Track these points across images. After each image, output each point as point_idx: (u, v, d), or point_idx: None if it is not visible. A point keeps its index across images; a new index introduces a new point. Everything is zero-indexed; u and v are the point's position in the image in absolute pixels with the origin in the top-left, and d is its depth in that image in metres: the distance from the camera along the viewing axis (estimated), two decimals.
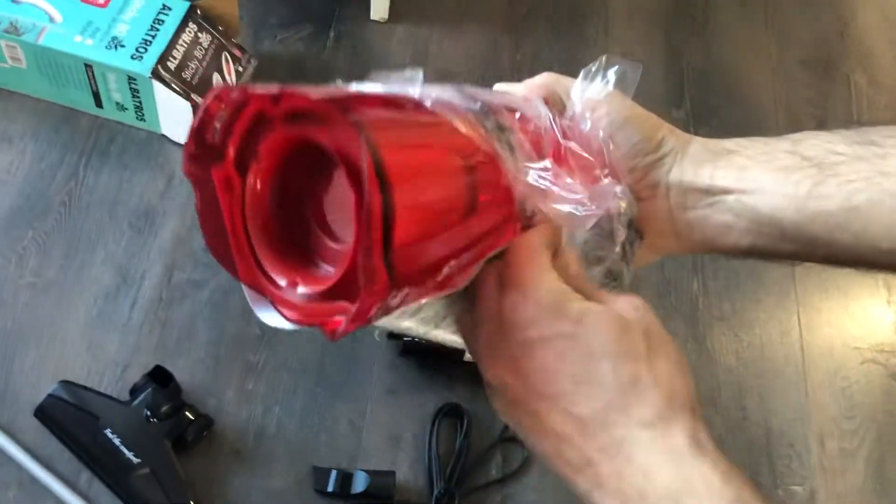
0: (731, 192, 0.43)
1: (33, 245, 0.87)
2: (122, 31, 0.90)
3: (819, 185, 0.41)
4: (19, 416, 0.78)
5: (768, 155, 0.43)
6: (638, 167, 0.45)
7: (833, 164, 0.41)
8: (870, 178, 0.40)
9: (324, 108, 0.33)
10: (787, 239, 0.43)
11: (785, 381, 0.92)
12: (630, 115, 0.45)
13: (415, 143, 0.36)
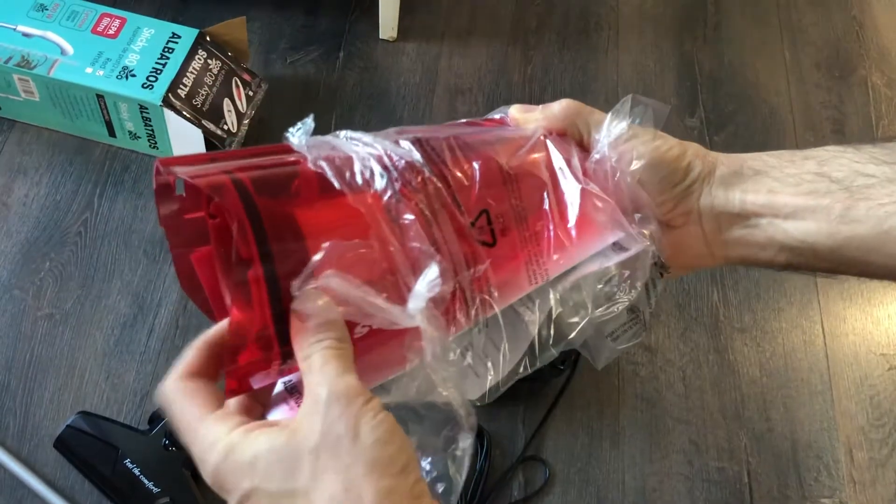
0: (764, 216, 0.44)
1: (50, 276, 0.88)
2: (132, 61, 0.91)
3: (850, 210, 0.41)
4: (39, 448, 0.78)
5: (796, 177, 0.43)
6: (668, 199, 0.45)
7: (863, 188, 0.41)
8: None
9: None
10: (821, 258, 0.43)
11: (810, 391, 0.91)
12: (655, 153, 0.45)
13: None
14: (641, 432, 0.86)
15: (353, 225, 0.36)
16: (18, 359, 0.83)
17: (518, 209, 0.43)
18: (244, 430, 0.34)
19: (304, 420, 0.34)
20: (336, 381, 0.34)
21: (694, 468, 0.85)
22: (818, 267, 0.44)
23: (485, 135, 0.44)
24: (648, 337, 0.92)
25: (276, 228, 0.33)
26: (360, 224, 0.36)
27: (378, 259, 0.36)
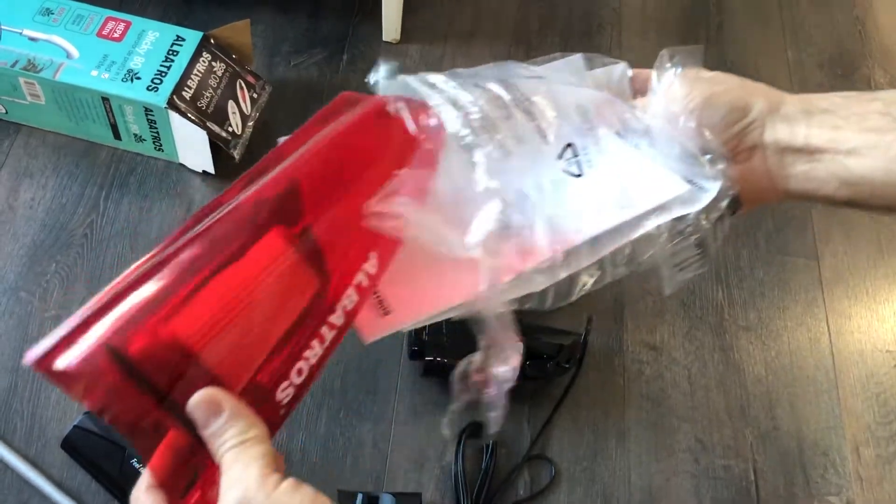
0: (826, 152, 0.45)
1: (56, 278, 0.88)
2: (137, 64, 0.91)
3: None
4: (47, 449, 0.79)
5: (860, 116, 0.45)
6: (731, 135, 0.47)
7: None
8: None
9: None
10: (878, 196, 0.45)
11: (816, 389, 0.91)
12: (711, 92, 0.47)
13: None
14: (647, 431, 0.86)
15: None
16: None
17: (596, 144, 0.45)
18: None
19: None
20: (236, 484, 0.35)
21: (700, 466, 0.84)
22: (875, 205, 0.45)
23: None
24: (652, 336, 0.92)
25: (155, 368, 0.35)
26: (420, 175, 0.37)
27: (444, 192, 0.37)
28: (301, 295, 0.39)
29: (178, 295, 0.36)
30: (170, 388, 0.35)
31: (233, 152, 0.93)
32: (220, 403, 0.36)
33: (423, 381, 0.86)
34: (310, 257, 0.39)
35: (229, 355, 0.36)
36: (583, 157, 0.46)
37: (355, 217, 0.40)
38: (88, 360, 0.34)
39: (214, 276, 0.36)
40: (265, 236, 0.38)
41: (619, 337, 0.91)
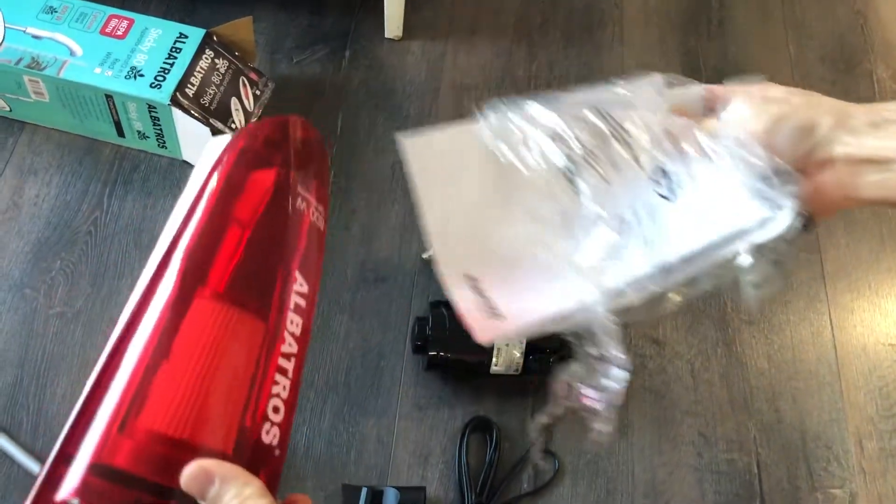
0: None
1: (61, 275, 0.89)
2: (140, 61, 0.91)
3: None
4: (52, 444, 0.79)
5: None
6: (800, 155, 0.48)
7: None
8: None
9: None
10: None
11: (819, 382, 0.91)
12: (778, 113, 0.48)
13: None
14: (650, 425, 0.86)
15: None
16: (31, 356, 0.84)
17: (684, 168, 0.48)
18: None
19: None
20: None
21: (703, 460, 0.85)
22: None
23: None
24: (656, 330, 0.92)
25: (143, 467, 0.36)
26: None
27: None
28: (247, 343, 0.40)
29: (135, 392, 0.37)
30: (165, 478, 0.36)
31: None
32: (210, 471, 0.36)
33: (427, 376, 0.86)
34: (239, 304, 0.40)
35: (207, 425, 0.37)
36: (674, 181, 0.49)
37: (259, 254, 0.42)
38: (83, 485, 0.35)
39: (162, 362, 0.38)
40: (191, 306, 0.39)
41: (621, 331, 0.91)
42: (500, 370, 0.83)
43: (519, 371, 0.83)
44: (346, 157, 1.00)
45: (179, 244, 0.41)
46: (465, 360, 0.83)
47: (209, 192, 0.42)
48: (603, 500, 0.82)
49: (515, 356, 0.82)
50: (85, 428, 0.37)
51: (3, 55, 0.91)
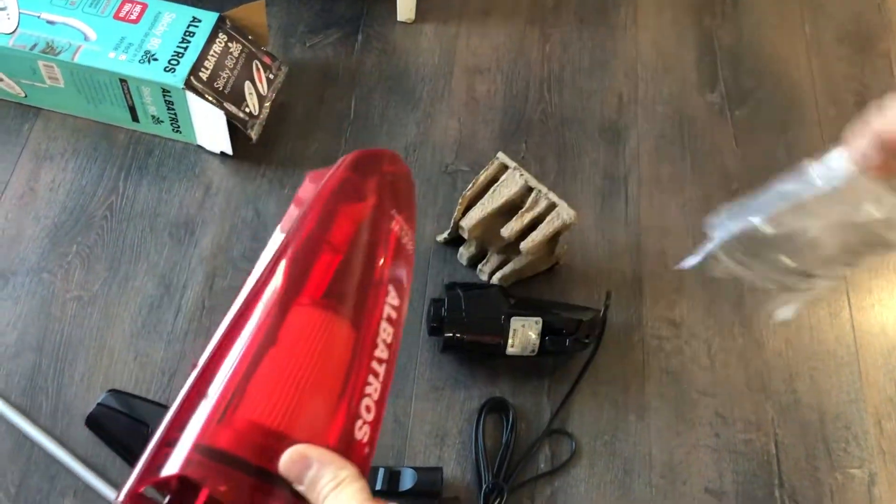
0: None
1: (78, 259, 0.89)
2: (154, 46, 0.92)
3: None
4: (72, 427, 0.80)
5: None
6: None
7: None
8: None
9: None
10: None
11: (837, 362, 0.90)
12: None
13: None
14: (667, 405, 0.86)
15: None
16: (49, 340, 0.84)
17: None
18: None
19: None
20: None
21: (721, 440, 0.84)
22: None
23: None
24: (672, 311, 0.92)
25: (245, 451, 0.38)
26: None
27: None
28: (342, 345, 0.43)
29: (237, 385, 0.40)
30: (265, 461, 0.38)
31: (250, 133, 0.94)
32: (307, 456, 0.38)
33: (443, 358, 0.86)
34: (336, 312, 0.44)
35: (304, 418, 0.40)
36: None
37: (353, 268, 0.46)
38: (187, 461, 0.38)
39: (263, 359, 0.41)
40: (290, 311, 0.43)
41: (638, 312, 0.91)
42: (515, 351, 0.83)
43: (535, 352, 0.83)
44: (360, 141, 1.00)
45: (281, 262, 0.45)
46: (480, 342, 0.83)
47: (309, 218, 0.47)
48: (620, 481, 0.82)
49: (531, 337, 0.82)
50: (188, 416, 0.39)
51: (17, 41, 0.91)
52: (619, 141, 1.04)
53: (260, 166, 0.97)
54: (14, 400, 0.81)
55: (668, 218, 0.98)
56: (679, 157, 1.03)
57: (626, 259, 0.95)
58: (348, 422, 0.41)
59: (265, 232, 0.92)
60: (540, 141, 1.03)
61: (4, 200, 0.92)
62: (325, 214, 0.48)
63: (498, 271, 0.89)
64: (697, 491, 0.82)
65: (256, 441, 0.39)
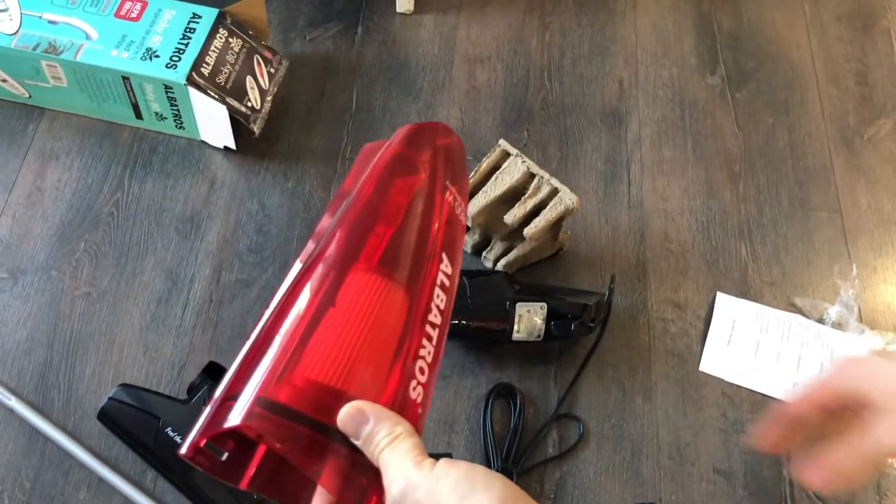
0: None
1: (85, 256, 0.90)
2: (155, 42, 0.92)
3: None
4: (84, 421, 0.80)
5: None
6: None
7: None
8: None
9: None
10: None
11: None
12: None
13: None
14: (674, 387, 0.86)
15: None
16: (59, 337, 0.85)
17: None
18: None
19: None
20: (396, 476, 0.38)
21: (728, 421, 0.85)
22: None
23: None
24: (677, 294, 0.92)
25: (304, 405, 0.40)
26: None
27: None
28: (397, 309, 0.45)
29: (297, 344, 0.42)
30: (324, 416, 0.40)
31: (253, 127, 0.94)
32: (364, 411, 0.39)
33: (449, 345, 0.86)
34: (391, 278, 0.45)
35: (361, 376, 0.41)
36: None
37: (412, 237, 0.48)
38: (248, 413, 0.39)
39: (321, 321, 0.43)
40: (347, 277, 0.45)
41: (643, 296, 0.91)
42: (521, 337, 0.83)
43: (541, 337, 0.83)
44: (362, 132, 1.00)
45: (338, 232, 0.47)
46: (486, 328, 0.83)
47: (365, 191, 0.49)
48: (628, 463, 0.82)
49: (537, 323, 0.82)
50: (248, 373, 0.41)
51: (20, 41, 0.92)
52: (621, 126, 1.04)
53: (263, 160, 0.98)
54: (26, 396, 0.81)
55: (671, 201, 0.98)
56: (681, 140, 1.03)
57: (630, 243, 0.95)
58: (403, 382, 0.43)
59: (270, 224, 0.93)
60: (541, 128, 1.03)
61: (12, 200, 0.93)
62: (381, 187, 0.49)
63: (502, 258, 0.89)
64: (706, 471, 0.82)
65: (314, 397, 0.40)
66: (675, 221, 0.97)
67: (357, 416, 0.39)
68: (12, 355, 0.84)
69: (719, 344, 0.88)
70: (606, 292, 0.86)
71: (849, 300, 0.90)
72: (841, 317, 0.91)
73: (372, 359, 0.42)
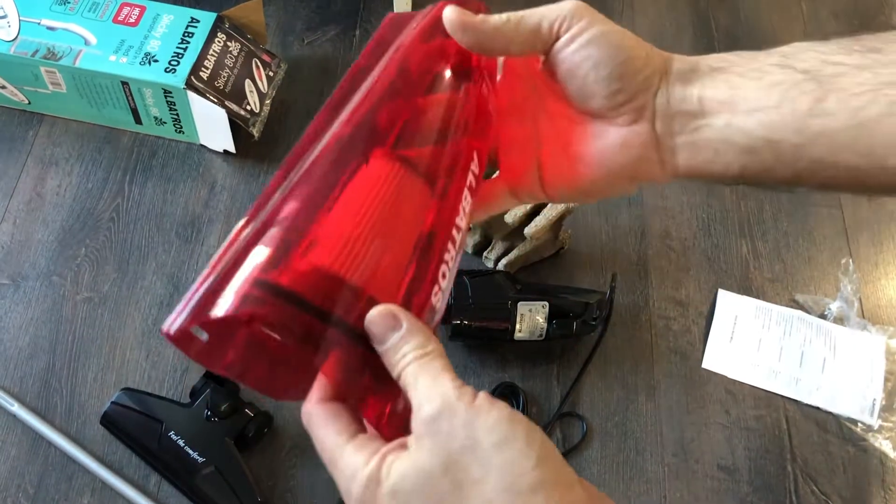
0: (722, 113, 0.39)
1: (87, 261, 0.90)
2: (154, 47, 0.92)
3: (820, 102, 0.37)
4: (87, 426, 0.80)
5: (759, 71, 0.39)
6: (623, 90, 0.40)
7: (833, 77, 0.37)
8: (876, 90, 0.36)
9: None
10: (784, 162, 0.38)
11: None
12: (609, 30, 0.41)
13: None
14: (677, 384, 0.86)
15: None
16: (61, 341, 0.85)
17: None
18: (379, 458, 0.34)
19: (422, 442, 0.34)
20: (432, 396, 0.34)
21: (731, 417, 0.85)
22: (777, 175, 0.39)
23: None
24: (679, 291, 0.92)
25: (310, 291, 0.35)
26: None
27: None
28: (421, 203, 0.39)
29: (304, 228, 0.36)
30: (330, 307, 0.35)
31: (252, 130, 0.94)
32: (398, 318, 0.35)
33: (452, 345, 0.86)
34: (410, 166, 0.39)
35: (376, 272, 0.36)
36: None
37: (441, 127, 0.41)
38: (246, 297, 0.34)
39: (332, 207, 0.37)
40: (369, 161, 0.38)
41: (644, 293, 0.91)
42: (523, 336, 0.83)
43: (543, 336, 0.83)
44: None
45: (357, 111, 0.40)
46: (488, 328, 0.83)
47: (392, 66, 0.42)
48: (632, 461, 0.82)
49: (539, 322, 0.82)
50: (247, 253, 0.35)
51: (19, 48, 0.92)
52: None
53: (263, 163, 0.98)
54: (29, 402, 0.81)
55: (671, 199, 0.98)
56: None
57: (631, 241, 0.95)
58: (427, 285, 0.38)
59: None
60: None
61: (12, 206, 0.93)
62: (411, 64, 0.42)
63: (503, 258, 0.89)
64: (710, 468, 0.82)
65: (322, 285, 0.35)
66: (675, 219, 0.97)
67: (390, 319, 0.35)
68: (14, 361, 0.84)
69: (721, 341, 0.88)
70: (608, 291, 0.86)
71: (849, 295, 0.90)
72: (842, 312, 0.91)
73: (388, 253, 0.37)
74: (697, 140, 0.40)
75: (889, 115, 0.36)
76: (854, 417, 0.84)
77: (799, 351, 0.88)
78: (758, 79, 0.39)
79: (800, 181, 0.39)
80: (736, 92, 0.39)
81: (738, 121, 0.39)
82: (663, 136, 0.41)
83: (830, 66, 0.38)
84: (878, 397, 0.85)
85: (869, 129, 0.36)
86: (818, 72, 0.37)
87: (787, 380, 0.86)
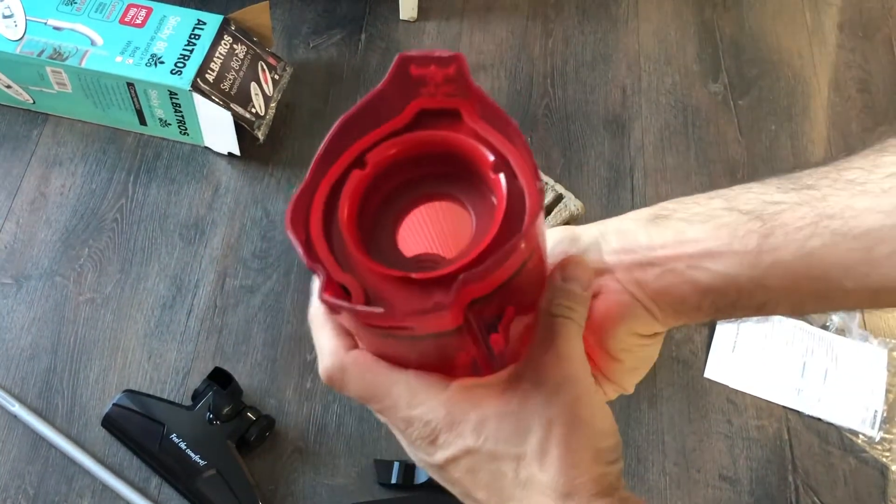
0: (678, 259, 0.40)
1: (90, 262, 0.90)
2: (160, 49, 0.92)
3: (767, 238, 0.39)
4: (88, 427, 0.80)
5: (704, 215, 0.41)
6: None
7: (774, 214, 0.39)
8: (816, 223, 0.38)
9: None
10: (748, 296, 0.40)
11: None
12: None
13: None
14: (679, 394, 0.86)
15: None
16: (63, 342, 0.85)
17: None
18: (464, 389, 0.35)
19: (538, 391, 0.35)
20: (566, 365, 0.35)
21: (733, 427, 0.85)
22: (746, 306, 0.41)
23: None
24: None
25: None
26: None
27: None
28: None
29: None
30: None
31: (257, 133, 0.94)
32: (591, 274, 0.37)
33: None
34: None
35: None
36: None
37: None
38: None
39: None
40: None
41: None
42: None
43: None
44: None
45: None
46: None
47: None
48: (634, 469, 0.82)
49: None
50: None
51: (25, 47, 0.92)
52: (624, 133, 1.04)
53: (267, 166, 0.98)
54: (30, 402, 0.81)
55: None
56: (684, 147, 1.03)
57: None
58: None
59: (274, 230, 0.93)
60: (545, 135, 1.03)
61: (16, 206, 0.93)
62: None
63: None
64: (711, 478, 0.82)
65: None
66: None
67: (585, 271, 0.37)
68: (16, 361, 0.83)
69: (724, 350, 0.88)
70: None
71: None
72: (844, 323, 0.91)
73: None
74: (664, 288, 0.41)
75: (832, 244, 0.38)
76: (855, 429, 0.84)
77: (801, 362, 0.88)
78: (704, 222, 0.41)
79: (770, 309, 0.41)
80: (684, 236, 0.40)
81: (694, 263, 0.40)
82: (631, 287, 0.41)
83: (771, 205, 0.40)
84: (879, 409, 0.85)
85: (818, 257, 0.38)
86: (762, 211, 0.40)
87: (789, 390, 0.86)
